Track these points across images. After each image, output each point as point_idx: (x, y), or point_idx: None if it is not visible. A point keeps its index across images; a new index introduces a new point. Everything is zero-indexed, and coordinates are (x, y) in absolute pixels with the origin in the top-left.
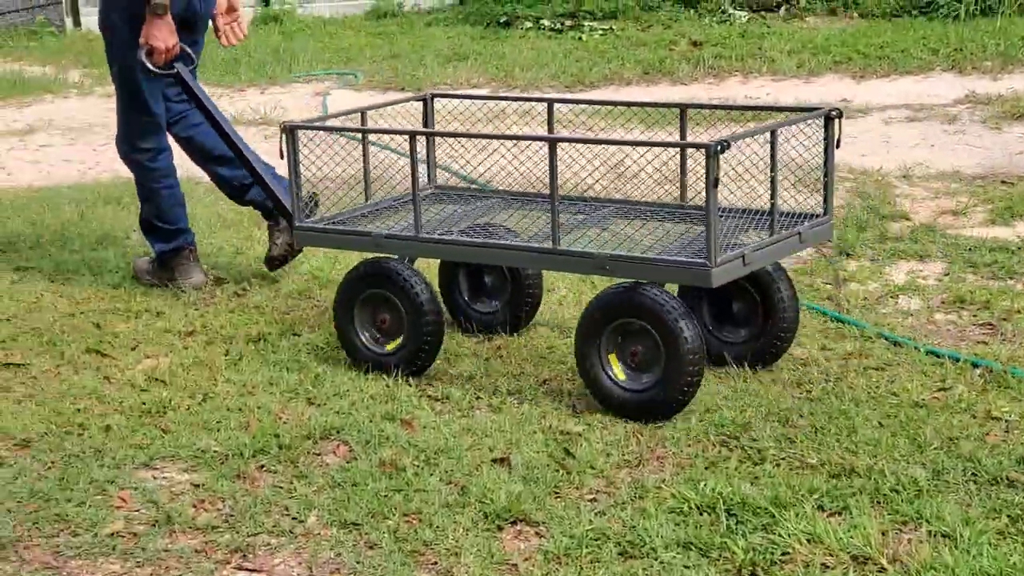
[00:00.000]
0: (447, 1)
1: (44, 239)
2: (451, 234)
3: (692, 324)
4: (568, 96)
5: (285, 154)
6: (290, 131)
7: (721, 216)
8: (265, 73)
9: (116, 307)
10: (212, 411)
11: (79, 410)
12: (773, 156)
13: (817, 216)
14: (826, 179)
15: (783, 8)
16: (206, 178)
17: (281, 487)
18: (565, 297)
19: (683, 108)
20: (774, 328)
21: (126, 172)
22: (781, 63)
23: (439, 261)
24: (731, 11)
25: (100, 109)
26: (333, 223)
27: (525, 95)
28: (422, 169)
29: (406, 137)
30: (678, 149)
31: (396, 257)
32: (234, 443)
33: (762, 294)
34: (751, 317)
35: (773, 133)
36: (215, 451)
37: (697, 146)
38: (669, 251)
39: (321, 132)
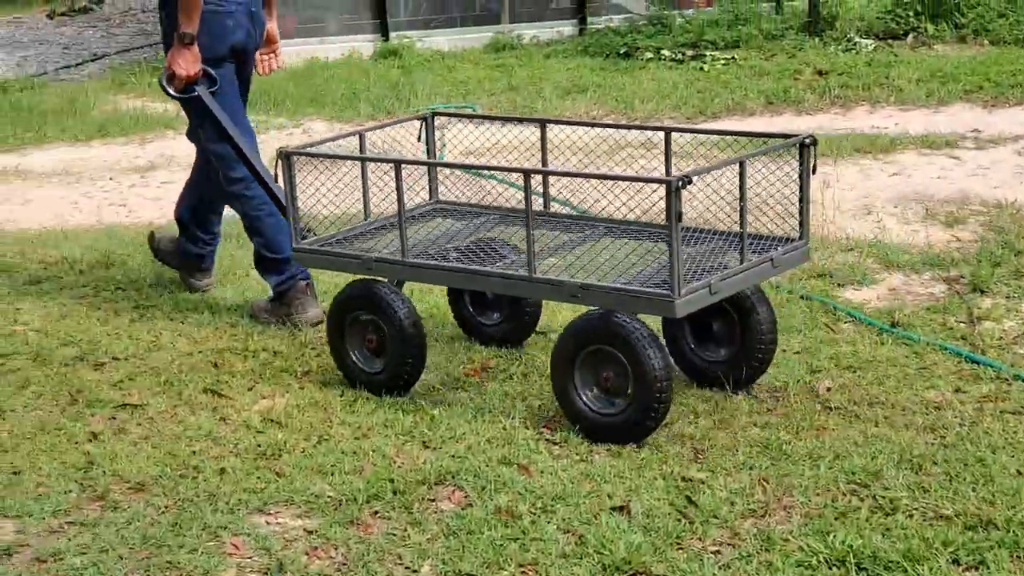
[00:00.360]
0: (566, 33)
1: (164, 277)
2: (449, 251)
3: (660, 351)
4: (564, 118)
5: (281, 179)
6: (286, 157)
7: (703, 238)
8: (383, 107)
9: (234, 346)
10: (327, 454)
11: (194, 452)
12: (742, 185)
13: (793, 240)
14: (801, 204)
15: (911, 36)
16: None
17: (395, 534)
18: None
19: (667, 132)
20: (752, 351)
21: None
22: (909, 92)
23: None
24: (857, 39)
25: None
26: (328, 244)
27: (522, 116)
28: (424, 185)
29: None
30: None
31: (383, 280)
32: (348, 488)
33: (741, 317)
34: (731, 338)
35: (742, 164)
36: (329, 496)
37: (658, 181)
38: (643, 278)
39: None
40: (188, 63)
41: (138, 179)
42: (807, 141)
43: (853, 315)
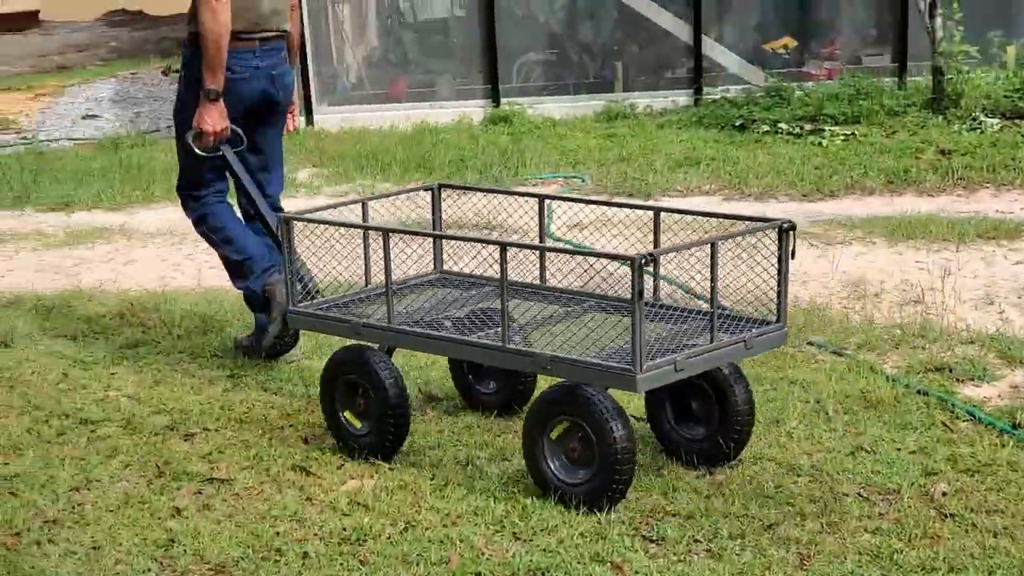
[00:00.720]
0: (681, 102)
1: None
2: (442, 320)
3: (623, 424)
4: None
5: (282, 243)
6: (286, 222)
7: (684, 316)
8: (491, 175)
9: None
10: (413, 542)
11: (278, 533)
12: (713, 267)
13: (769, 323)
14: (780, 288)
15: None
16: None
17: None
18: (795, 428)
19: (656, 212)
20: (729, 429)
21: (342, 277)
22: None
23: None
24: (983, 118)
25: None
26: (324, 308)
27: (522, 191)
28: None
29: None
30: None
31: (374, 345)
32: None
33: (718, 395)
34: (708, 417)
35: (713, 245)
36: None
37: (622, 258)
38: (614, 352)
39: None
40: (216, 120)
41: None
42: (785, 226)
43: (972, 413)
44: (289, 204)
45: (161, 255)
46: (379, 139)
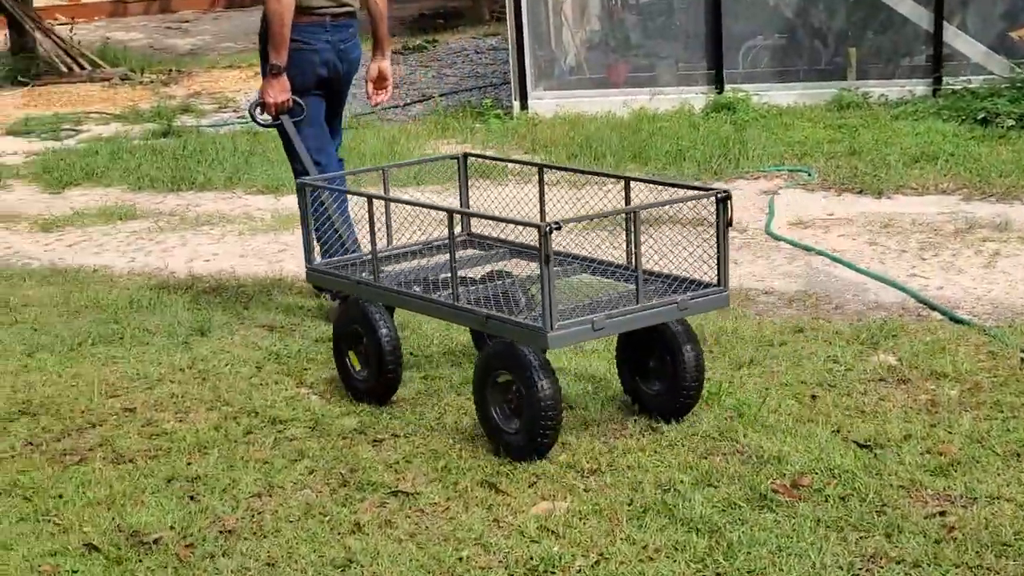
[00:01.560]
0: (918, 92)
1: (456, 348)
2: (432, 279)
3: (548, 378)
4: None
5: (300, 209)
6: (300, 188)
7: (647, 280)
8: (711, 167)
9: None
10: None
11: (460, 559)
12: (636, 235)
13: (708, 285)
14: (719, 253)
15: None
16: None
17: None
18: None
19: (626, 180)
20: (680, 385)
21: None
22: None
23: None
24: None
25: (532, 199)
26: (337, 267)
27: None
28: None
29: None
30: None
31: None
32: None
33: (671, 354)
34: (664, 373)
35: (636, 213)
36: None
37: (532, 225)
38: (562, 310)
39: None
40: (277, 92)
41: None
42: (721, 195)
43: None
44: (498, 190)
45: (366, 244)
46: (595, 126)
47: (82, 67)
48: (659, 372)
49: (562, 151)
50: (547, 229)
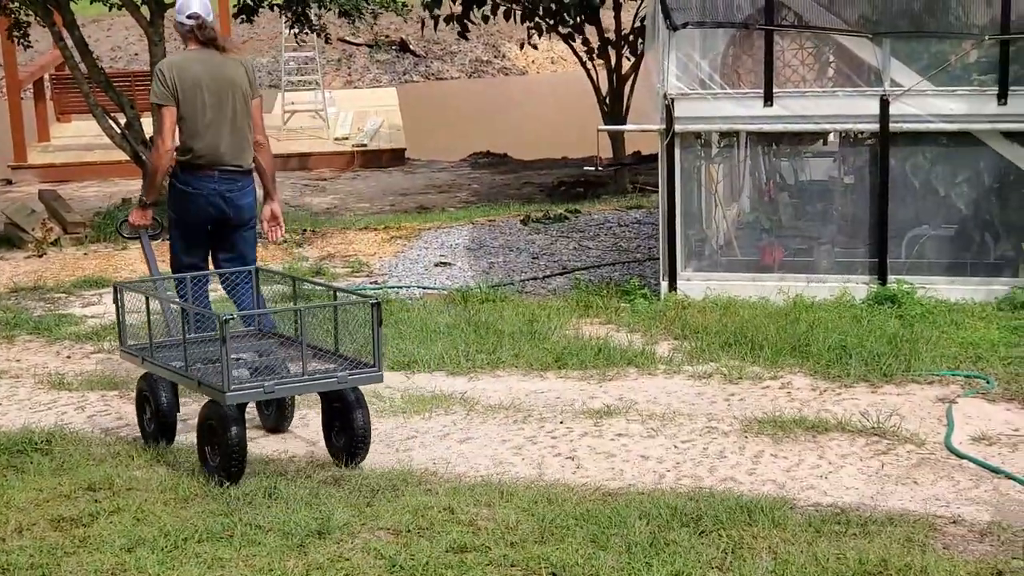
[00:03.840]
0: None
1: (608, 562)
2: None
3: (236, 424)
4: None
5: (115, 307)
6: (115, 288)
7: (319, 355)
8: (879, 367)
9: None
10: None
11: None
12: (303, 328)
13: (367, 365)
14: (374, 345)
15: None
16: None
17: None
18: None
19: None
20: (352, 441)
21: (703, 482)
22: None
23: None
24: None
25: (689, 393)
26: (134, 350)
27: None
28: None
29: None
30: None
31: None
32: None
33: (346, 415)
34: (342, 430)
35: (299, 312)
36: None
37: (211, 314)
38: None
39: None
40: (138, 218)
41: (591, 426)
42: (373, 303)
43: None
44: (647, 381)
45: (501, 434)
46: (748, 313)
47: None
48: (341, 429)
49: (715, 338)
50: (223, 321)
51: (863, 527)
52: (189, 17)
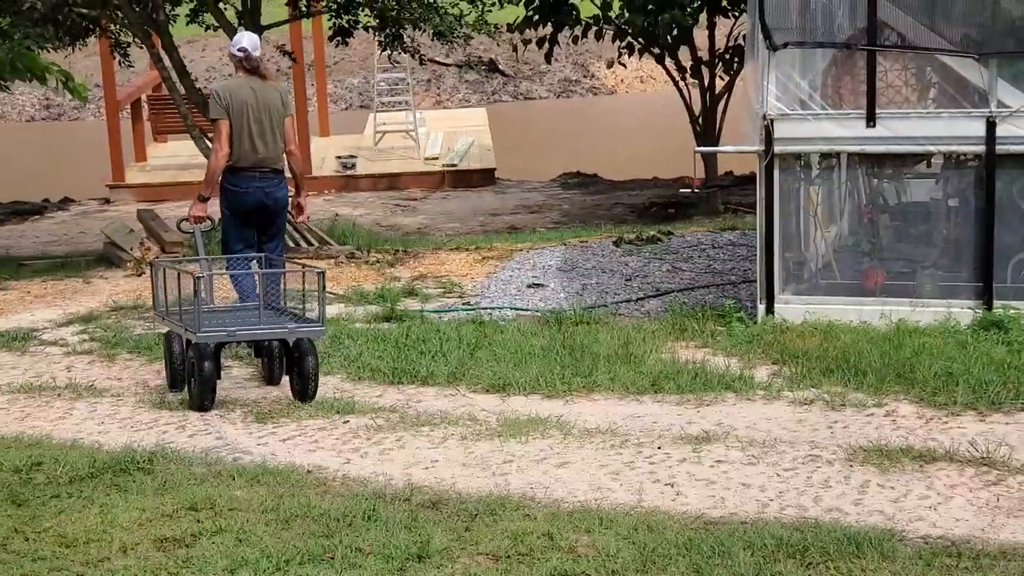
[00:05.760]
0: None
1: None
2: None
3: (209, 363)
4: None
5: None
6: (151, 265)
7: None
8: (987, 395)
9: None
10: None
11: None
12: (262, 287)
13: (313, 322)
14: (320, 306)
15: None
16: None
17: None
18: None
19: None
20: (303, 381)
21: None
22: None
23: None
24: None
25: (790, 419)
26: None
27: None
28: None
29: None
30: None
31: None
32: None
33: (300, 362)
34: (299, 373)
35: (259, 276)
36: None
37: (189, 273)
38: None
39: None
40: (198, 211)
41: (690, 452)
42: (318, 271)
43: None
44: (746, 407)
45: (599, 459)
46: (850, 338)
47: (309, 243)
48: (296, 373)
49: (815, 364)
50: (199, 281)
51: (975, 560)
52: (239, 50)
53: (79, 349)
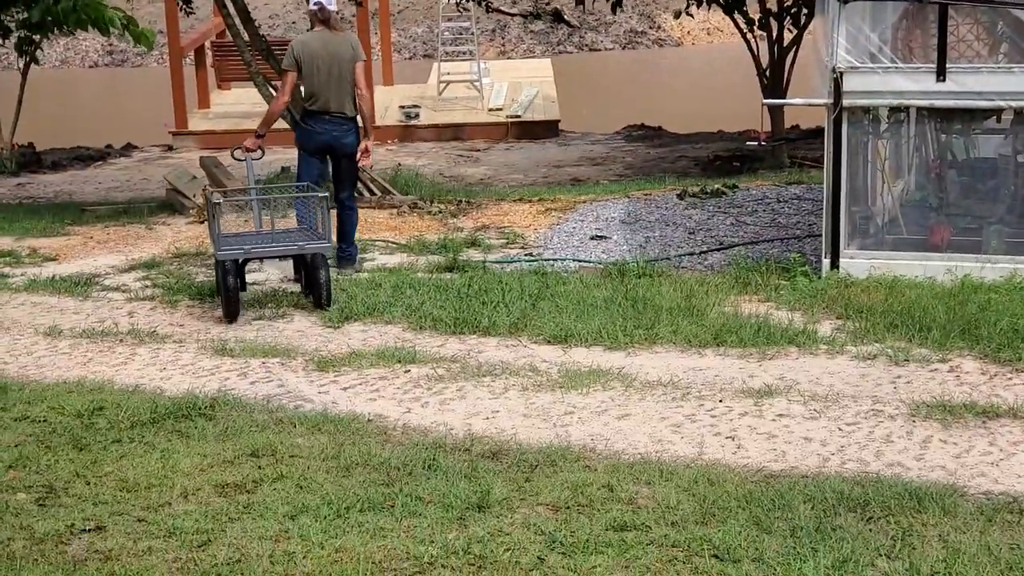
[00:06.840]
0: None
1: (772, 546)
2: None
3: (232, 279)
4: None
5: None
6: (207, 200)
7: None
8: None
9: None
10: None
11: None
12: (259, 213)
13: (321, 238)
14: (323, 225)
15: None
16: None
17: None
18: None
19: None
20: (318, 290)
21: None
22: None
23: None
24: None
25: (853, 374)
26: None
27: None
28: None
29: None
30: None
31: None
32: None
33: (313, 273)
34: (313, 284)
35: (264, 201)
36: None
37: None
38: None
39: None
40: (251, 143)
41: (751, 405)
42: (320, 195)
43: None
44: (809, 361)
45: (660, 411)
46: (914, 294)
47: (372, 192)
48: (311, 284)
49: (879, 319)
50: (214, 199)
51: None
52: (314, 4)
53: (141, 295)
